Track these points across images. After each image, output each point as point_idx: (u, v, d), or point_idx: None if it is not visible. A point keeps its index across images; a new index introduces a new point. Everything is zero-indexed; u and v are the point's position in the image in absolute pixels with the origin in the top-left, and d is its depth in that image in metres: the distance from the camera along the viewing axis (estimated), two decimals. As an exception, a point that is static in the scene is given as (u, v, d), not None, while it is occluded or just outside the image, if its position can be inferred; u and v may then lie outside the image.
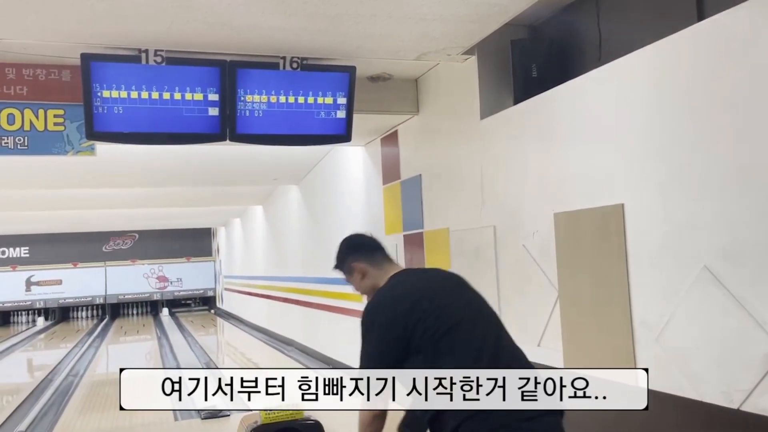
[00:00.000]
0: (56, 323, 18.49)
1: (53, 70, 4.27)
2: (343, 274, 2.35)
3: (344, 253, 2.34)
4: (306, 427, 2.91)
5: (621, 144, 3.09)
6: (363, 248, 2.33)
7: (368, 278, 2.26)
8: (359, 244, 2.37)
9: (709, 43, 2.63)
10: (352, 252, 2.32)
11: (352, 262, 2.29)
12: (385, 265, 2.28)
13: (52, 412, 6.50)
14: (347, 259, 2.31)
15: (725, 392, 2.52)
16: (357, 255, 2.30)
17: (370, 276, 2.26)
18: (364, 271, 2.27)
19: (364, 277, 2.27)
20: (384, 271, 2.26)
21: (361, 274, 2.27)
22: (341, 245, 2.36)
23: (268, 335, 12.19)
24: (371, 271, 2.26)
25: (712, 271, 2.56)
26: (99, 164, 6.43)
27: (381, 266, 2.27)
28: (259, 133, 4.31)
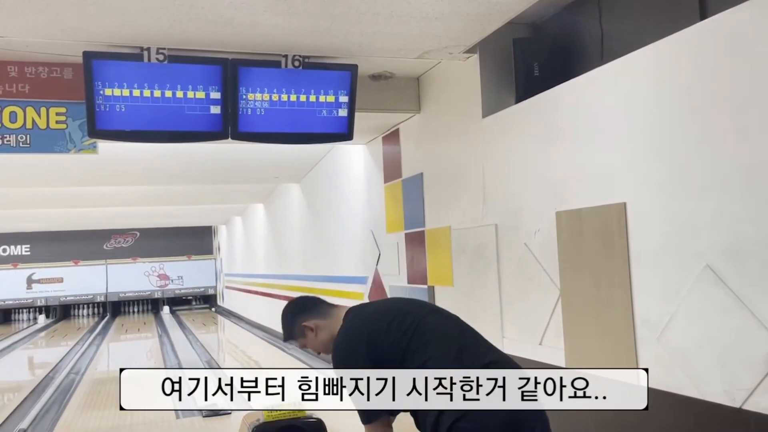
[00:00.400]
0: (57, 321, 18.51)
1: (55, 68, 4.27)
2: (297, 343, 2.34)
3: (290, 321, 2.32)
4: (308, 425, 2.91)
5: (623, 143, 3.09)
6: (305, 308, 2.33)
7: (323, 331, 2.25)
8: (301, 306, 2.36)
9: (711, 43, 2.63)
10: (296, 316, 2.31)
11: (302, 322, 2.28)
12: (332, 311, 2.30)
13: (54, 410, 6.51)
14: (295, 324, 2.30)
15: (727, 391, 2.52)
16: (303, 316, 2.29)
17: (324, 328, 2.25)
18: (316, 326, 2.26)
19: (318, 333, 2.26)
20: (335, 317, 2.26)
21: (314, 330, 2.26)
22: (283, 317, 2.36)
23: (270, 333, 12.20)
24: (322, 323, 2.26)
25: (714, 270, 2.57)
26: (100, 162, 6.43)
27: (329, 315, 2.28)
28: (260, 132, 4.31)
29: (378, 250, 6.33)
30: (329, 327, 2.24)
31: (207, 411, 5.83)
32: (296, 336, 2.31)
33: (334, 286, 7.90)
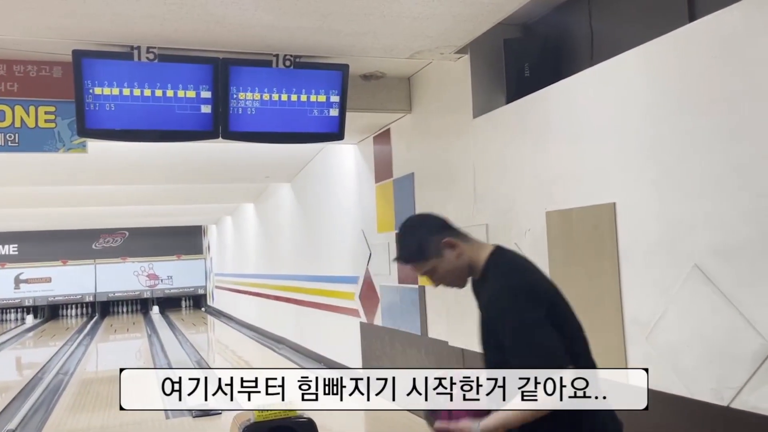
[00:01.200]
0: (45, 321, 18.38)
1: (44, 67, 4.24)
2: (422, 266, 1.96)
3: (425, 236, 1.94)
4: (299, 425, 2.91)
5: (613, 143, 3.11)
6: (445, 225, 1.97)
7: (464, 255, 1.91)
8: (440, 221, 1.99)
9: (700, 44, 2.65)
10: (435, 231, 1.94)
11: (443, 239, 1.92)
12: (470, 238, 1.97)
13: (42, 411, 6.47)
14: (431, 240, 1.92)
15: (715, 389, 2.54)
16: (445, 232, 1.94)
17: (465, 252, 1.92)
18: (459, 249, 1.92)
19: (459, 255, 1.91)
20: (476, 246, 1.94)
21: (457, 252, 1.91)
22: (412, 232, 1.98)
23: (260, 333, 12.18)
24: (465, 246, 1.92)
25: (703, 269, 2.59)
26: (89, 161, 6.38)
27: (470, 240, 1.96)
28: (251, 131, 4.30)
29: (369, 250, 6.34)
30: (472, 252, 1.92)
31: (197, 411, 5.81)
32: (429, 255, 1.92)
33: (324, 285, 7.90)
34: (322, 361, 8.12)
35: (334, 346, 7.75)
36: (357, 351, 6.73)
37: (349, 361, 7.10)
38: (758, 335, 2.37)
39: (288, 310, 10.01)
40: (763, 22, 2.38)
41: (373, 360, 6.30)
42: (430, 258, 1.93)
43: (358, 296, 6.67)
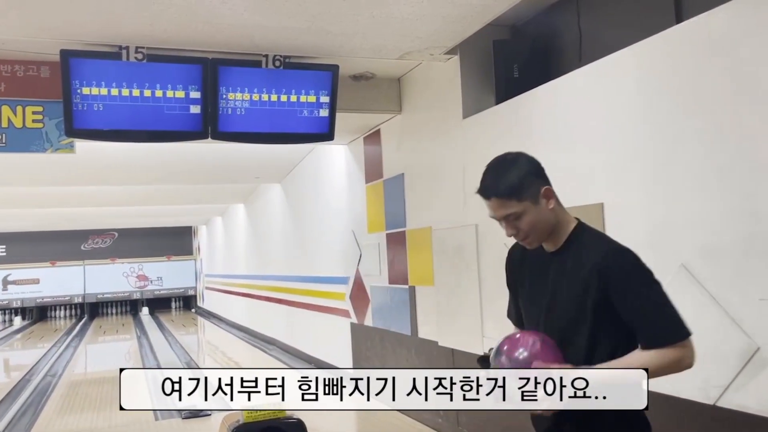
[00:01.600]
0: (34, 323, 18.25)
1: (32, 66, 4.21)
2: (514, 206, 1.80)
3: (526, 175, 1.81)
4: (288, 425, 2.91)
5: (601, 144, 3.13)
6: (547, 177, 1.84)
7: (554, 211, 1.81)
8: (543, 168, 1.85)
9: (687, 45, 2.67)
10: (538, 175, 1.83)
11: (545, 186, 1.80)
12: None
13: (30, 413, 6.42)
14: (533, 183, 1.79)
15: (702, 388, 2.56)
16: (546, 181, 1.83)
17: (557, 208, 1.82)
18: (555, 203, 1.81)
19: (552, 209, 1.80)
20: (564, 209, 1.86)
21: (552, 206, 1.80)
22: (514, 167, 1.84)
23: (250, 334, 12.14)
24: (557, 203, 1.83)
25: (690, 269, 2.61)
26: (78, 161, 6.34)
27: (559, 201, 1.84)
28: (241, 131, 4.30)
29: (359, 251, 6.34)
30: (563, 214, 1.84)
31: (186, 412, 5.79)
32: (526, 196, 1.78)
33: (315, 286, 7.89)
34: (313, 362, 8.11)
35: (324, 346, 7.74)
36: (347, 352, 6.72)
37: (339, 362, 7.09)
38: (744, 334, 2.39)
39: (278, 311, 9.99)
40: (748, 23, 2.40)
41: (363, 360, 6.30)
42: (525, 200, 1.78)
43: (349, 297, 6.67)
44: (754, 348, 2.35)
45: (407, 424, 5.11)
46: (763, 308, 2.32)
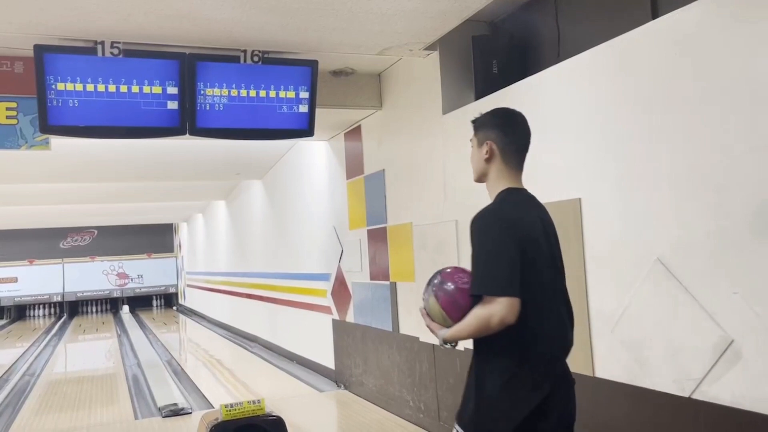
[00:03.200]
0: (12, 322, 18.00)
1: (5, 62, 4.15)
2: (472, 139, 2.13)
3: (490, 121, 2.10)
4: (268, 423, 2.89)
5: (578, 139, 3.15)
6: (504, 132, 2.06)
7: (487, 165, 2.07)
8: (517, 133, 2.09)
9: (661, 42, 2.70)
10: (499, 130, 2.06)
11: (491, 140, 2.06)
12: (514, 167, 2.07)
13: (8, 413, 6.34)
14: (489, 130, 2.07)
15: (677, 381, 2.59)
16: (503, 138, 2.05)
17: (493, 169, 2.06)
18: (491, 158, 2.05)
19: (484, 161, 2.07)
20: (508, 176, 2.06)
21: (487, 158, 2.06)
22: (496, 112, 2.13)
23: (232, 332, 12.08)
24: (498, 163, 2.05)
25: (665, 263, 2.63)
26: (54, 158, 6.25)
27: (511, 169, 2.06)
28: (219, 128, 4.26)
29: (341, 247, 6.32)
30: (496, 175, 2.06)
31: (166, 410, 5.75)
32: (476, 133, 2.10)
33: (296, 283, 7.87)
34: (295, 359, 8.09)
35: (306, 343, 7.72)
36: (329, 348, 6.71)
37: (321, 359, 7.08)
38: (718, 327, 2.42)
39: (260, 308, 9.95)
40: (719, 20, 2.43)
41: (345, 357, 6.29)
42: (475, 137, 2.11)
43: (330, 293, 6.66)
44: (728, 341, 2.38)
45: (388, 419, 5.12)
46: (736, 301, 2.35)
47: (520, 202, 2.05)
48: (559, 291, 2.05)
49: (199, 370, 8.84)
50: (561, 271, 2.09)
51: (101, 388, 7.53)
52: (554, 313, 1.98)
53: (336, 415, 5.62)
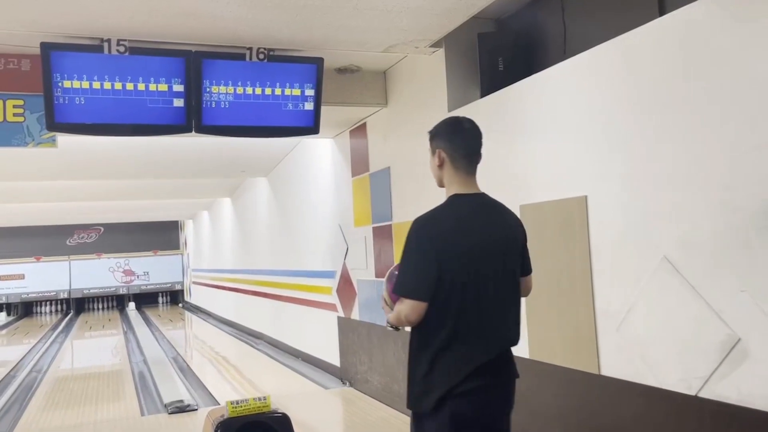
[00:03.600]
0: (19, 318, 18.10)
1: (12, 60, 4.16)
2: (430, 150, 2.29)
3: (441, 132, 2.25)
4: (273, 420, 2.89)
5: (584, 137, 3.14)
6: (455, 143, 2.20)
7: (441, 172, 2.24)
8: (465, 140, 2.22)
9: (668, 39, 2.68)
10: (448, 139, 2.21)
11: (441, 148, 2.22)
12: (465, 171, 2.21)
13: (15, 409, 6.37)
14: (439, 139, 2.23)
15: (684, 379, 2.58)
16: (451, 145, 2.20)
17: (446, 175, 2.22)
18: (442, 166, 2.22)
19: (437, 168, 2.24)
20: (459, 181, 2.20)
21: (438, 165, 2.23)
22: (446, 122, 2.28)
23: (237, 329, 12.11)
24: (450, 170, 2.21)
25: (671, 260, 2.63)
26: (61, 156, 6.27)
27: (460, 172, 2.20)
28: (225, 125, 4.26)
29: (346, 244, 6.33)
30: (449, 182, 2.21)
31: (172, 407, 5.77)
32: (431, 144, 2.27)
33: (302, 280, 7.88)
34: (300, 356, 8.11)
35: (311, 340, 7.73)
36: (335, 345, 6.73)
37: (326, 356, 7.09)
38: (725, 325, 2.41)
39: (265, 306, 9.97)
40: (726, 16, 2.41)
41: (351, 354, 6.30)
42: (430, 145, 2.29)
43: (336, 291, 6.67)
44: (734, 339, 2.38)
45: (393, 416, 5.12)
46: (743, 299, 2.34)
47: (461, 210, 2.18)
48: (495, 293, 2.15)
49: (205, 367, 8.87)
50: (509, 272, 2.20)
51: (107, 385, 7.57)
52: (480, 314, 2.11)
53: (341, 412, 5.63)
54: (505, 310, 2.18)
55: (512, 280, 2.21)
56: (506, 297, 2.19)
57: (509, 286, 2.20)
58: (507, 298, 2.19)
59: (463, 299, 2.08)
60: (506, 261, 2.19)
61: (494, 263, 2.15)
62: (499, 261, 2.16)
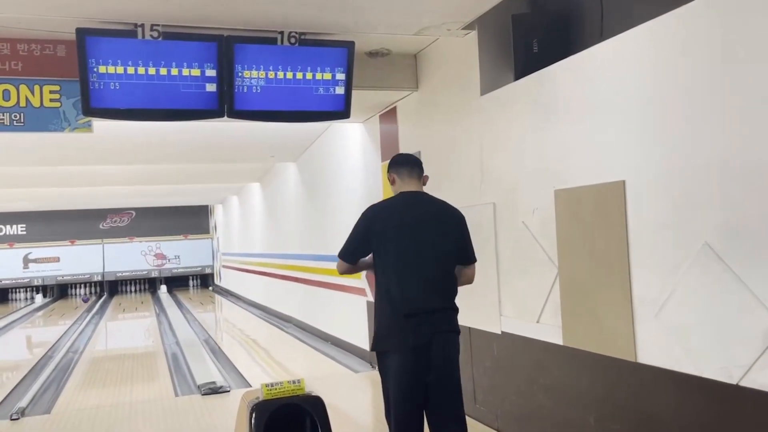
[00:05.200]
0: (54, 300, 18.55)
1: (48, 45, 4.21)
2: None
3: (392, 164, 3.11)
4: (308, 402, 2.92)
5: (623, 120, 3.07)
6: (397, 164, 3.09)
7: (395, 186, 3.06)
8: (396, 161, 3.13)
9: (712, 18, 2.60)
10: (394, 167, 3.09)
11: (391, 174, 3.08)
12: (408, 179, 3.03)
13: (53, 389, 6.54)
14: (391, 170, 3.09)
15: (724, 368, 2.53)
16: (397, 169, 3.07)
17: (397, 185, 3.05)
18: (392, 180, 3.07)
19: (394, 187, 3.07)
20: (403, 185, 3.02)
21: (391, 181, 3.08)
22: (395, 158, 3.17)
23: (267, 312, 12.25)
24: (399, 183, 3.05)
25: (713, 247, 2.56)
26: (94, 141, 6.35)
27: (404, 180, 3.03)
28: (257, 110, 4.27)
29: (375, 229, 6.32)
30: (398, 187, 3.05)
31: (206, 388, 5.86)
32: (389, 174, 3.09)
33: (330, 265, 7.90)
34: (329, 340, 8.17)
35: (340, 325, 7.78)
36: (364, 329, 6.75)
37: (355, 340, 7.13)
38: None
39: (295, 289, 10.05)
40: (779, -6, 2.33)
41: (380, 338, 6.31)
42: (388, 176, 3.11)
43: (365, 275, 6.68)
44: (778, 327, 2.31)
45: (424, 401, 5.13)
46: (788, 287, 2.28)
47: (398, 200, 3.00)
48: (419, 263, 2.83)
49: (235, 350, 9.00)
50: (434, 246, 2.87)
51: (142, 366, 7.72)
52: (406, 280, 2.80)
53: (372, 395, 5.65)
54: (424, 278, 2.81)
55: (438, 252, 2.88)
56: (428, 266, 2.83)
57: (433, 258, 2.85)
58: (429, 266, 2.83)
59: (392, 268, 2.82)
60: (432, 235, 2.88)
61: (418, 236, 2.85)
62: (425, 234, 2.86)
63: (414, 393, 2.76)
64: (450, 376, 2.82)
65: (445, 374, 2.80)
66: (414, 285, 2.78)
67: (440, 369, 2.78)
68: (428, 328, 2.78)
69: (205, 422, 4.94)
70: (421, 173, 3.08)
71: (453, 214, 3.03)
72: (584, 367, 3.36)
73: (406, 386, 2.75)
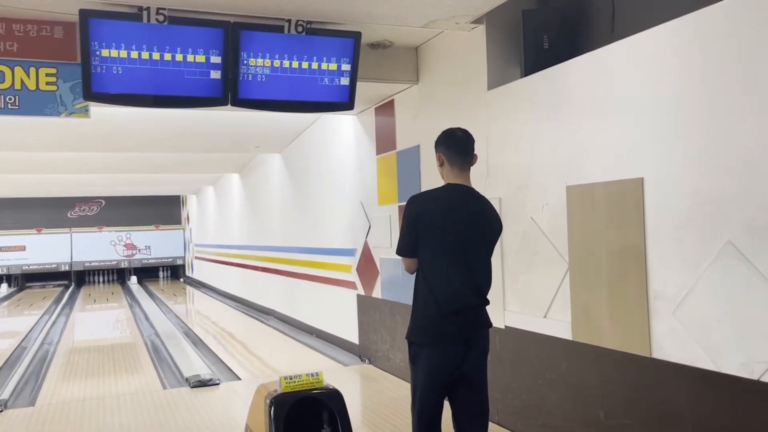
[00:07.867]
0: (20, 290, 18.05)
1: (45, 27, 4.07)
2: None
3: (440, 140, 2.88)
4: (326, 395, 2.89)
5: (642, 118, 3.09)
6: (452, 148, 2.84)
7: (441, 170, 2.89)
8: (455, 143, 2.85)
9: (733, 17, 2.63)
10: (444, 145, 2.86)
11: (440, 152, 2.86)
12: (458, 168, 2.84)
13: (33, 381, 6.36)
14: (439, 146, 2.88)
15: (745, 364, 2.58)
16: (446, 150, 2.85)
17: (445, 171, 2.87)
18: (441, 165, 2.87)
19: (440, 167, 2.89)
20: (452, 174, 2.84)
21: (439, 165, 2.88)
22: (445, 132, 2.90)
23: (243, 304, 12.11)
24: (447, 167, 2.85)
25: (737, 245, 2.60)
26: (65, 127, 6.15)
27: (454, 169, 2.84)
28: (261, 99, 4.20)
29: (368, 222, 6.29)
30: (445, 175, 2.87)
31: (195, 382, 5.77)
32: (436, 150, 2.89)
33: (319, 258, 7.85)
34: (314, 333, 8.11)
35: (327, 318, 7.73)
36: (352, 323, 6.73)
37: (343, 333, 7.10)
38: (792, 310, 2.40)
39: (277, 282, 9.95)
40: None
41: (371, 332, 6.30)
42: (436, 152, 2.90)
43: (356, 269, 6.65)
44: (802, 324, 2.37)
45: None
46: (814, 285, 2.33)
47: (446, 193, 2.83)
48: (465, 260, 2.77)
49: (209, 341, 8.84)
50: (478, 244, 2.82)
51: (123, 357, 7.56)
52: (451, 275, 2.75)
53: (365, 388, 5.63)
54: (465, 273, 2.76)
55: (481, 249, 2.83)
56: (471, 262, 2.77)
57: (476, 253, 2.80)
58: (471, 263, 2.77)
59: (434, 262, 2.76)
60: (477, 233, 2.81)
61: (464, 234, 2.77)
62: (470, 232, 2.78)
63: (444, 384, 2.79)
64: (483, 369, 2.86)
65: (480, 367, 2.84)
66: (459, 281, 2.75)
67: (475, 361, 2.81)
68: (470, 324, 2.80)
69: (199, 416, 4.85)
70: (473, 161, 2.90)
71: (495, 215, 2.94)
72: (594, 362, 3.39)
73: (438, 377, 2.77)
